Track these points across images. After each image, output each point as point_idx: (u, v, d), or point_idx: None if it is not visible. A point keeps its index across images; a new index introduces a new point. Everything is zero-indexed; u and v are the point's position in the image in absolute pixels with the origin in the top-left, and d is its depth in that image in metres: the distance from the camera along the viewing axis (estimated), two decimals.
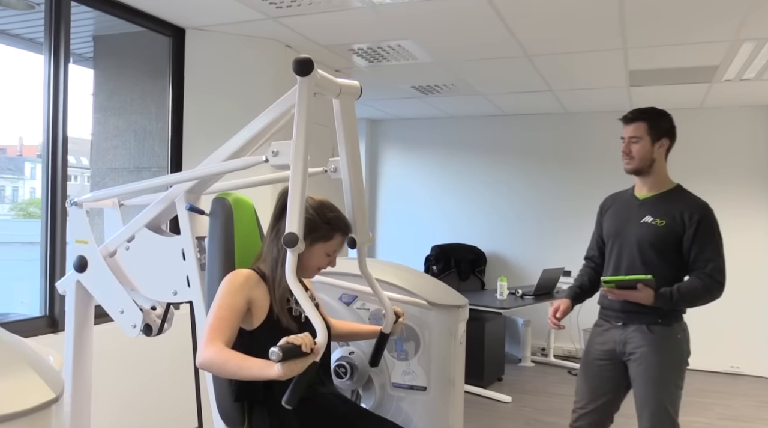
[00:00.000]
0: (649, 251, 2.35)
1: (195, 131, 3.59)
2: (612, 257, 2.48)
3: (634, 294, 2.28)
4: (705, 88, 4.87)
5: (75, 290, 2.29)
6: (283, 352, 1.46)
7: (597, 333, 2.54)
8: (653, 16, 3.21)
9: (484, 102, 5.72)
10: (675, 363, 2.36)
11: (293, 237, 1.63)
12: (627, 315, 2.39)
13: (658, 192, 2.43)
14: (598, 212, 2.67)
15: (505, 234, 6.57)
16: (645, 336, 2.34)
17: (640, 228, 2.39)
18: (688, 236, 2.30)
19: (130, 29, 3.55)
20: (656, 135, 2.38)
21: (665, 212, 2.36)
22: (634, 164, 2.40)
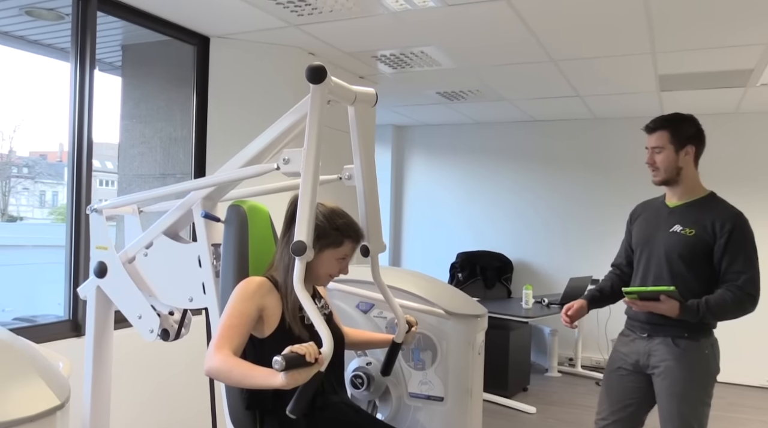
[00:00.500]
0: (678, 262, 2.27)
1: (218, 138, 3.63)
2: (640, 266, 2.41)
3: (657, 306, 2.20)
4: (740, 93, 4.73)
5: (95, 295, 2.32)
6: (287, 361, 1.45)
7: (622, 342, 2.48)
8: (682, 20, 3.12)
9: (510, 107, 5.66)
10: (701, 379, 2.26)
11: (301, 245, 1.62)
12: (652, 327, 2.32)
13: (689, 200, 2.34)
14: (627, 220, 2.60)
15: (532, 242, 6.48)
16: (670, 350, 2.26)
17: (668, 237, 2.30)
18: (719, 246, 2.20)
19: (156, 38, 3.61)
20: (680, 143, 2.29)
21: (695, 221, 2.26)
22: (661, 175, 2.33)
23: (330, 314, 2.02)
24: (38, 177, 10.98)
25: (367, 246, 1.93)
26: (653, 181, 2.38)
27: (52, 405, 1.22)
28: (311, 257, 1.65)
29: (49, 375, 1.31)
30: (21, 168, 10.82)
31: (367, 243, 1.93)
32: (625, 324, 2.50)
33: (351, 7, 3.00)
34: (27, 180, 11.05)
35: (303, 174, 1.71)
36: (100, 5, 2.86)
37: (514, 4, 2.92)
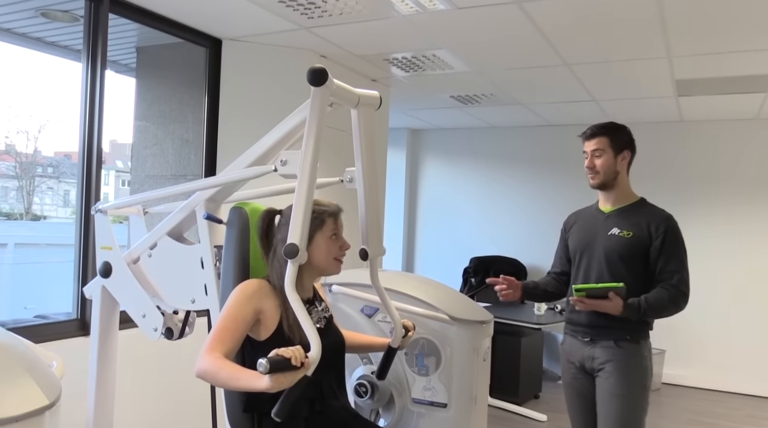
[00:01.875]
0: (618, 263, 2.34)
1: (229, 141, 3.64)
2: (580, 270, 2.46)
3: (603, 304, 2.24)
4: (761, 98, 4.63)
5: (100, 295, 2.34)
6: (271, 364, 1.44)
7: (566, 350, 2.52)
8: (697, 24, 3.07)
9: (525, 112, 5.62)
10: (642, 381, 2.32)
11: (294, 248, 1.61)
12: (594, 330, 2.37)
13: (623, 205, 2.44)
14: (561, 229, 2.68)
15: (546, 247, 6.38)
16: (613, 352, 2.32)
17: (607, 240, 2.38)
18: (655, 247, 2.31)
19: (169, 41, 3.64)
20: (618, 148, 2.39)
21: (632, 224, 2.36)
22: (600, 178, 2.41)
23: (330, 318, 2.00)
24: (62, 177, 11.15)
25: (366, 250, 1.92)
26: (591, 184, 2.47)
27: (41, 404, 1.22)
28: (304, 259, 1.64)
29: (40, 375, 1.31)
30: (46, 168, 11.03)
31: (366, 247, 1.92)
32: (566, 331, 2.54)
33: (361, 10, 3.00)
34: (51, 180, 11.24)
35: (299, 176, 1.71)
36: (112, 7, 2.89)
37: (525, 7, 2.89)
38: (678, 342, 5.63)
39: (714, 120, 5.56)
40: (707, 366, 5.59)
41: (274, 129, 1.98)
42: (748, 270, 5.46)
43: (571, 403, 2.52)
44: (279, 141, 1.99)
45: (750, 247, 5.46)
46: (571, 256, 2.55)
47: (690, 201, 5.54)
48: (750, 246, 5.46)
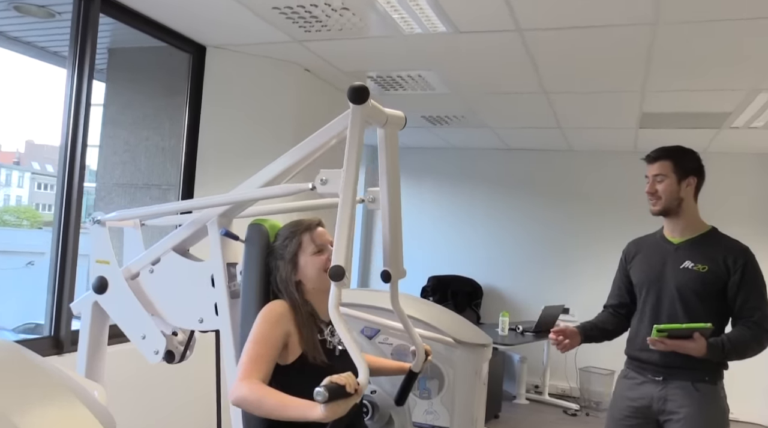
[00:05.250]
0: (693, 299, 2.19)
1: (210, 151, 3.52)
2: (647, 306, 2.30)
3: (686, 345, 2.09)
4: (712, 134, 4.92)
5: (91, 311, 2.19)
6: (330, 392, 1.38)
7: (627, 386, 2.33)
8: (678, 61, 3.23)
9: (489, 135, 5.73)
10: (720, 424, 2.20)
11: (340, 270, 1.55)
12: (669, 370, 2.20)
13: (694, 235, 2.27)
14: (622, 259, 2.49)
15: (503, 268, 6.53)
16: (690, 395, 2.16)
17: (679, 274, 2.22)
18: (734, 282, 2.16)
19: (146, 44, 3.49)
20: (683, 173, 2.25)
21: (706, 257, 2.20)
22: (661, 204, 2.26)
23: None
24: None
25: (388, 272, 1.89)
26: (652, 210, 2.31)
27: None
28: (348, 285, 1.59)
29: (92, 404, 1.21)
30: None
31: (388, 269, 1.89)
32: (629, 366, 2.37)
33: (362, 28, 2.98)
34: None
35: (342, 196, 1.66)
36: (104, 7, 2.74)
37: (525, 36, 2.95)
38: None
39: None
40: None
41: (298, 146, 1.91)
42: None
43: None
44: (302, 159, 1.92)
45: None
46: (636, 289, 2.37)
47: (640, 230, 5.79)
48: None
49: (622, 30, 2.83)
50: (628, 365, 2.38)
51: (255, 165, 3.53)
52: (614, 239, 6.38)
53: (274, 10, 2.81)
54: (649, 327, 2.24)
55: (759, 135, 4.82)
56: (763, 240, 5.68)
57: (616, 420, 2.34)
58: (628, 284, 2.43)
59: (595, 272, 5.92)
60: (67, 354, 2.62)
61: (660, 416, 2.22)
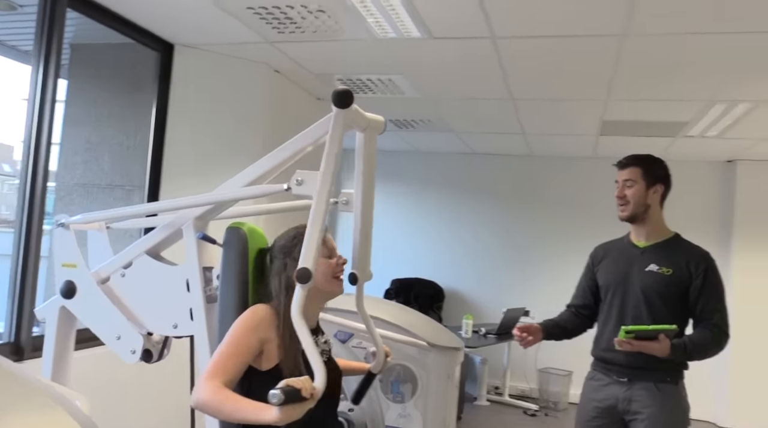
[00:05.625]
0: (657, 301, 2.26)
1: (177, 151, 3.45)
2: (614, 307, 2.36)
3: (651, 346, 2.15)
4: (668, 142, 5.10)
5: (58, 316, 2.11)
6: (285, 395, 1.36)
7: (594, 388, 2.39)
8: (642, 72, 3.34)
9: (454, 139, 5.79)
10: (682, 423, 2.28)
11: (306, 272, 1.55)
12: (633, 371, 2.26)
13: (659, 240, 2.37)
14: (589, 263, 2.56)
15: (465, 271, 6.61)
16: (653, 395, 2.23)
17: (645, 277, 2.29)
18: (695, 286, 2.25)
19: (111, 40, 3.40)
20: (651, 180, 2.35)
21: (671, 261, 2.29)
22: (629, 209, 2.34)
23: (330, 351, 1.93)
24: None
25: (355, 274, 1.90)
26: (620, 216, 2.39)
27: None
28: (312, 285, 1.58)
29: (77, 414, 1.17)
30: None
31: (356, 271, 1.89)
32: (595, 368, 2.43)
33: (336, 30, 2.97)
34: None
35: (316, 198, 1.67)
36: (71, 2, 2.65)
37: (498, 43, 3.00)
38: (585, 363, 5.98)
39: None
40: None
41: (279, 148, 1.90)
42: None
43: None
44: (283, 161, 1.91)
45: None
46: (602, 291, 2.44)
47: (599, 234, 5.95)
48: None
49: (592, 41, 2.91)
50: (595, 366, 2.44)
51: (223, 166, 3.51)
52: (574, 242, 6.55)
53: (249, 10, 2.78)
54: (614, 328, 2.30)
55: (712, 144, 5.02)
56: (714, 245, 5.89)
57: (583, 421, 2.39)
58: (593, 287, 2.49)
59: (555, 274, 6.05)
60: (29, 361, 2.52)
61: (625, 416, 2.28)
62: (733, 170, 5.78)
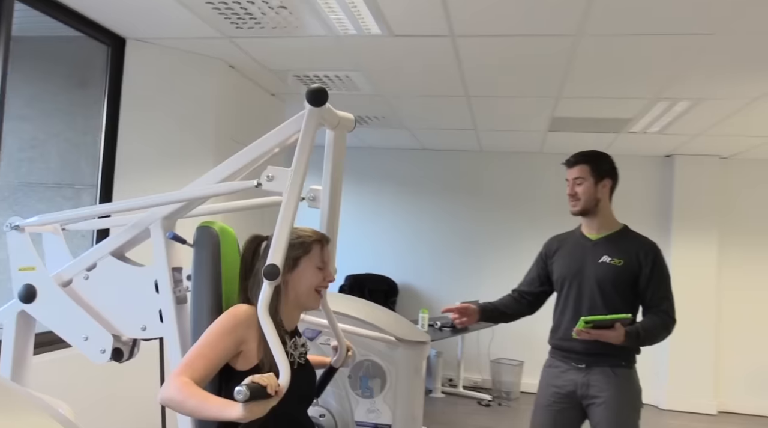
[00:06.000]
0: (610, 290, 2.37)
1: (131, 148, 3.35)
2: (570, 298, 2.46)
3: (607, 334, 2.25)
4: (612, 138, 5.30)
5: (16, 321, 2.03)
6: (251, 391, 1.36)
7: (553, 374, 2.49)
8: (593, 71, 3.46)
9: (406, 135, 5.84)
10: (636, 404, 2.39)
11: (275, 269, 1.56)
12: (591, 358, 2.37)
13: (609, 232, 2.48)
14: (542, 253, 2.65)
15: (418, 266, 6.68)
16: (610, 380, 2.35)
17: (598, 268, 2.40)
18: (645, 275, 2.37)
19: (54, 33, 3.26)
20: (599, 176, 2.45)
21: (621, 252, 2.40)
22: (581, 205, 2.45)
23: (306, 354, 1.92)
24: None
25: None
26: (572, 211, 2.49)
27: None
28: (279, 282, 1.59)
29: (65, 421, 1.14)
30: None
31: None
32: (553, 356, 2.52)
33: (297, 27, 2.95)
34: None
35: (287, 195, 1.68)
36: None
37: (456, 42, 3.05)
38: (535, 352, 6.16)
39: (568, 154, 6.21)
40: None
41: (251, 146, 1.87)
42: None
43: (542, 425, 2.47)
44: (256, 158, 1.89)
45: None
46: (557, 283, 2.52)
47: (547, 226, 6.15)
48: None
49: (548, 40, 3.00)
50: (553, 354, 2.53)
51: (178, 163, 3.44)
52: (523, 234, 6.74)
53: (208, 4, 2.73)
54: (572, 318, 2.41)
55: (653, 139, 5.25)
56: (654, 235, 6.16)
57: (543, 406, 2.48)
58: (543, 276, 2.60)
59: (506, 265, 6.22)
60: None
61: (584, 400, 2.39)
62: (671, 165, 6.07)
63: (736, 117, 4.35)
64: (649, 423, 5.36)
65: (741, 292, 5.97)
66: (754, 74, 3.38)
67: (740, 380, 5.92)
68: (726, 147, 5.51)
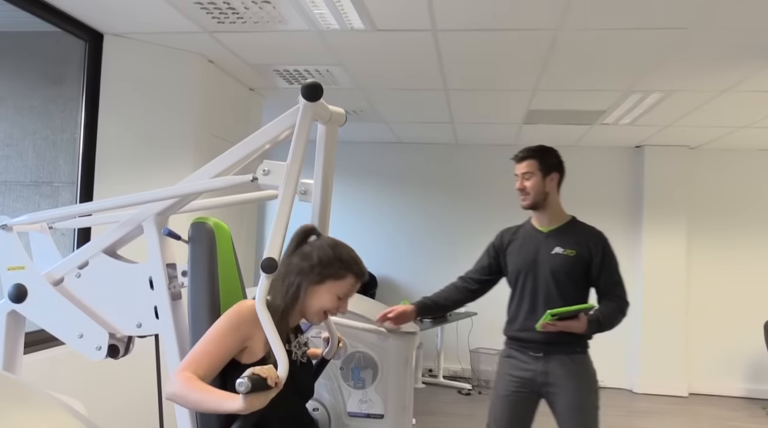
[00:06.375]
0: (565, 280, 2.45)
1: (111, 145, 3.31)
2: (526, 289, 2.52)
3: (572, 324, 2.34)
4: (585, 129, 5.41)
5: (5, 321, 2.00)
6: (252, 383, 1.38)
7: (510, 365, 2.55)
8: (569, 64, 3.53)
9: (383, 129, 5.87)
10: (594, 388, 2.48)
11: (272, 263, 1.58)
12: (549, 347, 2.44)
13: (560, 224, 2.55)
14: (495, 244, 2.71)
15: (396, 258, 6.73)
16: (567, 367, 2.43)
17: (552, 259, 2.48)
18: (596, 263, 2.46)
19: (29, 28, 3.20)
20: (547, 170, 2.52)
21: (573, 242, 2.48)
22: (530, 199, 2.52)
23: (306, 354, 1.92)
24: None
25: None
26: (523, 205, 2.57)
27: None
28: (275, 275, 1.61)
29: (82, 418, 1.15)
30: None
31: None
32: (510, 346, 2.58)
33: (279, 21, 2.95)
34: None
35: (284, 189, 1.70)
36: None
37: (438, 36, 3.08)
38: None
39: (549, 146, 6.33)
40: None
41: (246, 140, 1.88)
42: None
43: (501, 415, 2.54)
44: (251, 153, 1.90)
45: None
46: (512, 275, 2.58)
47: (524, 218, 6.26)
48: None
49: (526, 34, 3.06)
50: (510, 345, 2.59)
51: (159, 159, 3.41)
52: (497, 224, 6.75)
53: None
54: (529, 309, 2.50)
55: (625, 131, 5.38)
56: (626, 224, 6.36)
57: (501, 397, 2.55)
58: (495, 266, 2.67)
59: None
60: None
61: (543, 388, 2.47)
62: (641, 155, 6.23)
63: (704, 108, 4.49)
64: (624, 407, 5.52)
65: (709, 278, 6.17)
66: (723, 67, 3.50)
67: (709, 363, 6.12)
68: (694, 137, 5.68)
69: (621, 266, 2.53)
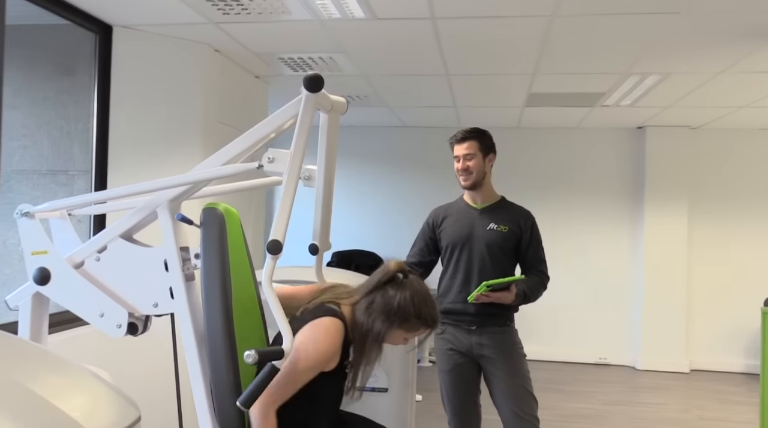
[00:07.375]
0: (498, 254, 2.62)
1: (123, 134, 3.42)
2: (461, 262, 2.66)
3: (504, 296, 2.50)
4: (586, 111, 5.48)
5: (31, 303, 2.14)
6: (259, 355, 1.53)
7: (447, 340, 2.70)
8: (567, 48, 3.61)
9: (387, 113, 5.95)
10: (522, 353, 2.67)
11: (278, 244, 1.70)
12: (481, 318, 2.61)
13: (492, 202, 2.73)
14: (429, 222, 2.83)
15: (403, 241, 6.81)
16: (498, 337, 2.61)
17: (487, 234, 2.64)
18: (525, 240, 2.65)
19: (39, 21, 3.30)
20: (485, 151, 2.68)
21: (505, 219, 2.66)
22: (472, 178, 2.66)
23: None
24: None
25: (316, 245, 2.07)
26: (464, 185, 2.70)
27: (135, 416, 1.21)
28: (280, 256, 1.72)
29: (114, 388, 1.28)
30: None
31: (316, 242, 2.06)
32: (444, 321, 2.69)
33: (283, 12, 3.04)
34: None
35: (287, 177, 1.80)
36: None
37: (437, 23, 3.17)
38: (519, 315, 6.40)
39: (544, 128, 6.42)
40: (539, 339, 6.45)
41: (252, 129, 1.99)
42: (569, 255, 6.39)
43: (450, 387, 2.71)
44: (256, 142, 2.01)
45: (565, 232, 6.39)
46: (447, 249, 2.70)
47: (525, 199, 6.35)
48: (565, 231, 6.39)
49: (523, 20, 3.13)
50: (443, 320, 2.68)
51: (169, 147, 3.53)
52: None
53: None
54: (463, 281, 2.64)
55: (626, 112, 5.44)
56: (629, 203, 6.44)
57: (446, 371, 2.72)
58: (432, 245, 2.78)
59: None
60: None
61: (480, 359, 2.64)
62: (643, 136, 6.29)
63: (702, 89, 4.54)
64: (627, 383, 5.65)
65: (710, 256, 6.26)
66: (716, 50, 3.57)
67: (710, 340, 6.23)
68: (694, 118, 5.73)
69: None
